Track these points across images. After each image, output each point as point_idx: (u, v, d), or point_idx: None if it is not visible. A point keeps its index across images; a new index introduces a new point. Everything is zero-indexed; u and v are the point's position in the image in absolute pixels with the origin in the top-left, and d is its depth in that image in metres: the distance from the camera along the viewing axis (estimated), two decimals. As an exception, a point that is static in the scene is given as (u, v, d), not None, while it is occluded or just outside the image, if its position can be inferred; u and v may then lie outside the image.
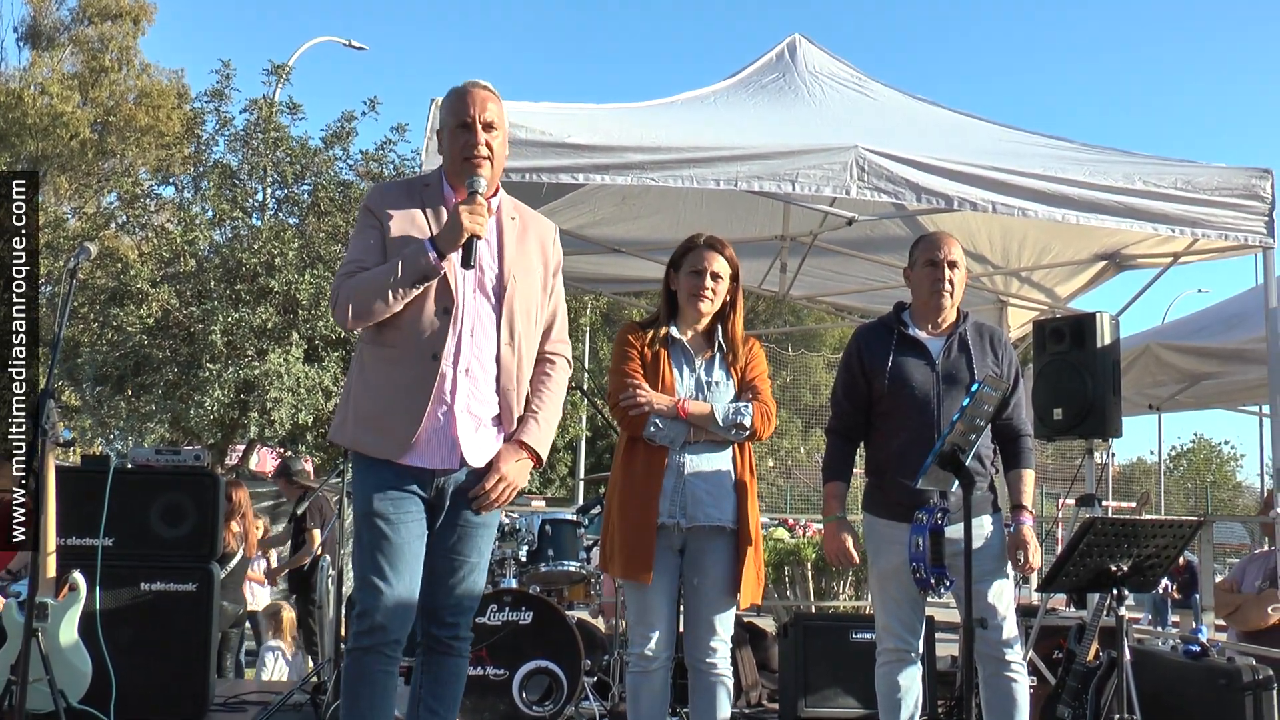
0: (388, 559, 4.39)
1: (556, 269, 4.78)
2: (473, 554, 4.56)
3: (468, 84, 4.59)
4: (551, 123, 6.74)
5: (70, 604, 6.27)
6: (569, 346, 4.84)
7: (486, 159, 4.48)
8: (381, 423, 4.42)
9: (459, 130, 4.52)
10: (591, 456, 36.99)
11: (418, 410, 4.37)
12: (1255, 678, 6.44)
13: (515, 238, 4.61)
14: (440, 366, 4.38)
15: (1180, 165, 7.29)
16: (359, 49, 31.84)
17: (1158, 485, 30.84)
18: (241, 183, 20.35)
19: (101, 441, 20.35)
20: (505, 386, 4.53)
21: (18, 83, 34.39)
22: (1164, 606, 18.87)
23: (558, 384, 4.72)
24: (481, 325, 4.49)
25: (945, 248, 5.51)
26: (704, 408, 5.24)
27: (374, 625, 4.36)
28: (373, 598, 4.37)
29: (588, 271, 11.25)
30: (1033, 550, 5.34)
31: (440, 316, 4.41)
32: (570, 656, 7.10)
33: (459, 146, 4.51)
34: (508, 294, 4.51)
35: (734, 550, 5.27)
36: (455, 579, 4.54)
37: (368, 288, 4.36)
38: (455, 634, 4.58)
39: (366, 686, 4.41)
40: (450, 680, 4.61)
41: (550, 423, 4.66)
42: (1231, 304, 10.77)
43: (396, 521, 4.40)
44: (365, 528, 4.45)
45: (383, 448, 4.41)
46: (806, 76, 8.79)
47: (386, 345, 4.44)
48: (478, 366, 4.47)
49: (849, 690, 7.43)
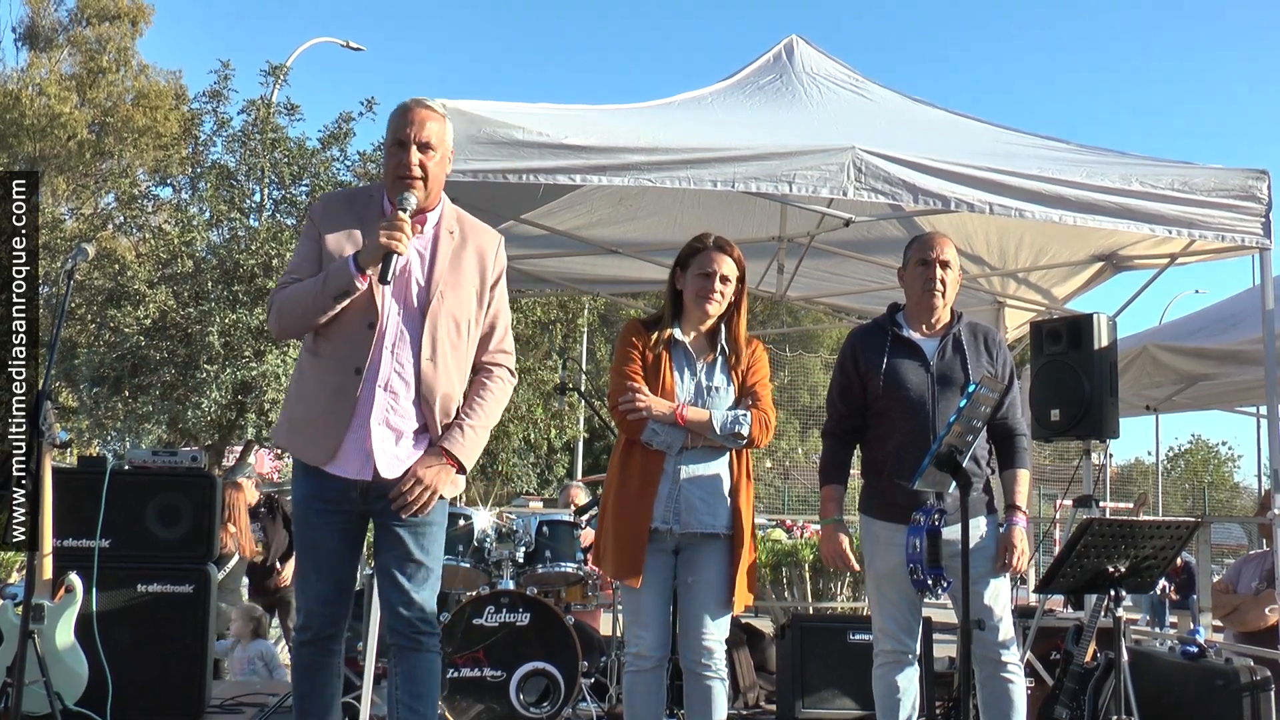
0: (312, 558, 4.70)
1: (497, 279, 4.85)
2: (416, 551, 4.65)
3: (411, 102, 4.73)
4: (549, 124, 6.73)
5: (67, 606, 6.27)
6: (511, 356, 4.92)
7: (419, 179, 4.60)
8: (308, 430, 4.63)
9: (395, 148, 4.65)
10: (589, 457, 37.01)
11: (340, 421, 4.54)
12: (1253, 678, 6.45)
13: (450, 252, 4.71)
14: (362, 380, 4.52)
15: (1177, 166, 7.28)
16: (356, 50, 31.89)
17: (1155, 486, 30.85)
18: (239, 184, 20.37)
19: (98, 443, 20.34)
20: (426, 399, 4.62)
21: (15, 83, 34.39)
22: (1162, 607, 18.85)
23: (493, 393, 4.80)
24: (404, 340, 4.60)
25: (938, 247, 5.51)
26: (702, 415, 5.24)
27: (306, 621, 4.70)
28: (302, 595, 4.72)
29: (585, 272, 11.24)
30: (1018, 554, 5.32)
31: (364, 331, 4.55)
32: (568, 658, 7.10)
33: (393, 164, 4.65)
34: (431, 308, 4.61)
35: (728, 555, 5.27)
36: (404, 578, 4.64)
37: (294, 301, 4.56)
38: (420, 631, 4.66)
39: (306, 677, 4.76)
40: (423, 677, 4.69)
41: (479, 431, 4.73)
42: (1228, 305, 10.77)
43: (320, 524, 4.66)
44: (296, 528, 4.82)
45: (309, 454, 4.61)
46: (804, 78, 8.78)
47: (318, 356, 4.63)
48: (398, 380, 4.59)
49: (846, 691, 7.44)
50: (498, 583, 7.46)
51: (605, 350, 32.88)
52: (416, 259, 4.63)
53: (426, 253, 4.67)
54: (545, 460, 25.17)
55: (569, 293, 18.93)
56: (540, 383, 21.88)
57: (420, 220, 4.65)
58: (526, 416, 21.46)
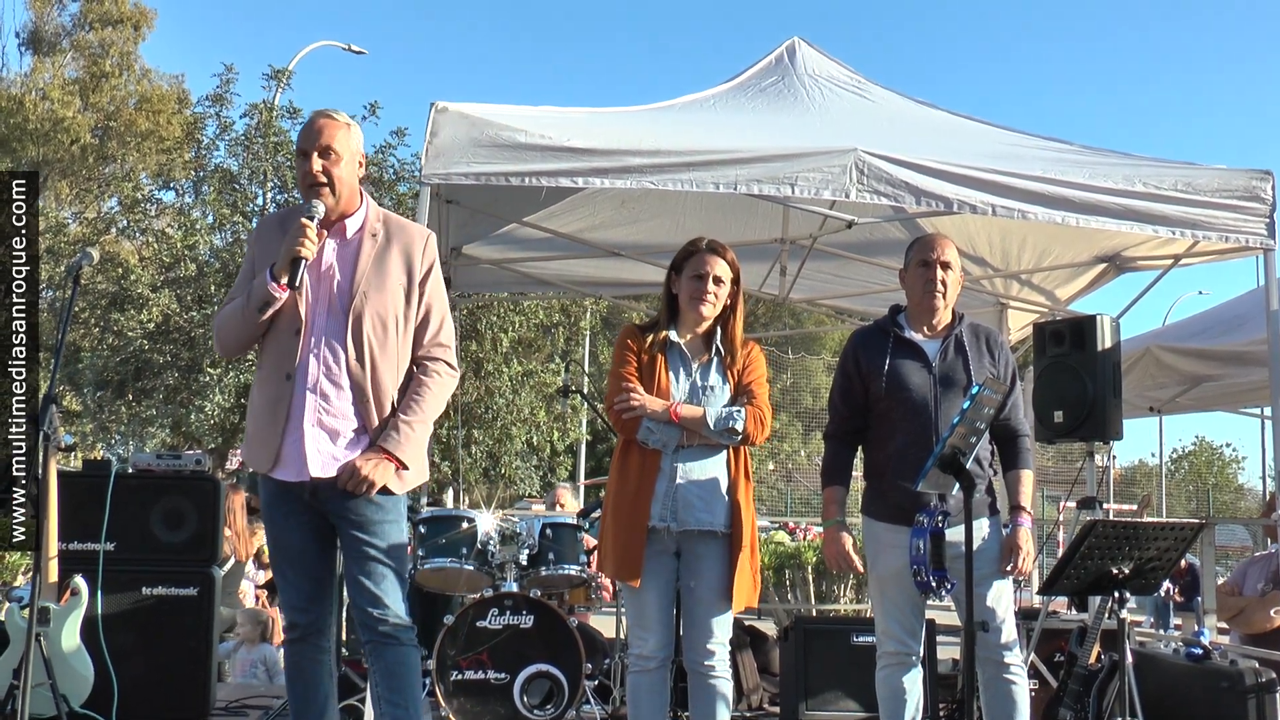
0: (286, 559, 4.86)
1: (427, 274, 4.90)
2: (371, 550, 4.72)
3: (314, 114, 4.89)
4: (551, 127, 6.74)
5: (72, 609, 6.27)
6: (448, 349, 4.96)
7: (324, 184, 4.71)
8: (254, 439, 4.80)
9: (299, 159, 4.82)
10: (592, 460, 37.00)
11: (277, 427, 4.68)
12: (1258, 680, 6.42)
13: (373, 253, 4.80)
14: (293, 384, 4.65)
15: (1180, 167, 7.28)
16: (359, 53, 31.94)
17: (1159, 488, 30.84)
18: (242, 187, 20.41)
19: (103, 446, 20.39)
20: (359, 399, 4.73)
21: (19, 88, 34.45)
22: (1166, 609, 18.80)
23: (429, 388, 4.84)
24: (330, 343, 4.71)
25: (938, 249, 5.50)
26: (696, 412, 5.25)
27: (292, 620, 4.87)
28: (283, 596, 4.91)
29: (587, 275, 11.26)
30: (1024, 555, 5.32)
31: (291, 337, 4.69)
32: (571, 660, 7.09)
33: (299, 174, 4.82)
34: (354, 309, 4.71)
35: (727, 554, 5.28)
36: (364, 572, 4.72)
37: (226, 320, 4.82)
38: (387, 626, 4.72)
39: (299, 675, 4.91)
40: (400, 671, 4.76)
41: (415, 427, 4.79)
42: (1232, 306, 10.76)
43: (285, 524, 4.82)
44: (266, 533, 5.01)
45: (256, 461, 4.79)
46: (806, 79, 8.79)
47: (259, 367, 4.84)
48: (327, 383, 4.70)
49: (850, 693, 7.43)
50: (501, 585, 7.45)
51: (608, 353, 32.76)
52: (338, 263, 4.76)
53: (350, 256, 4.78)
54: (548, 463, 25.19)
55: (571, 295, 18.95)
56: (543, 385, 21.87)
57: (340, 226, 4.78)
58: (529, 419, 21.47)
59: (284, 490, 4.72)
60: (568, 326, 23.87)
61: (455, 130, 6.41)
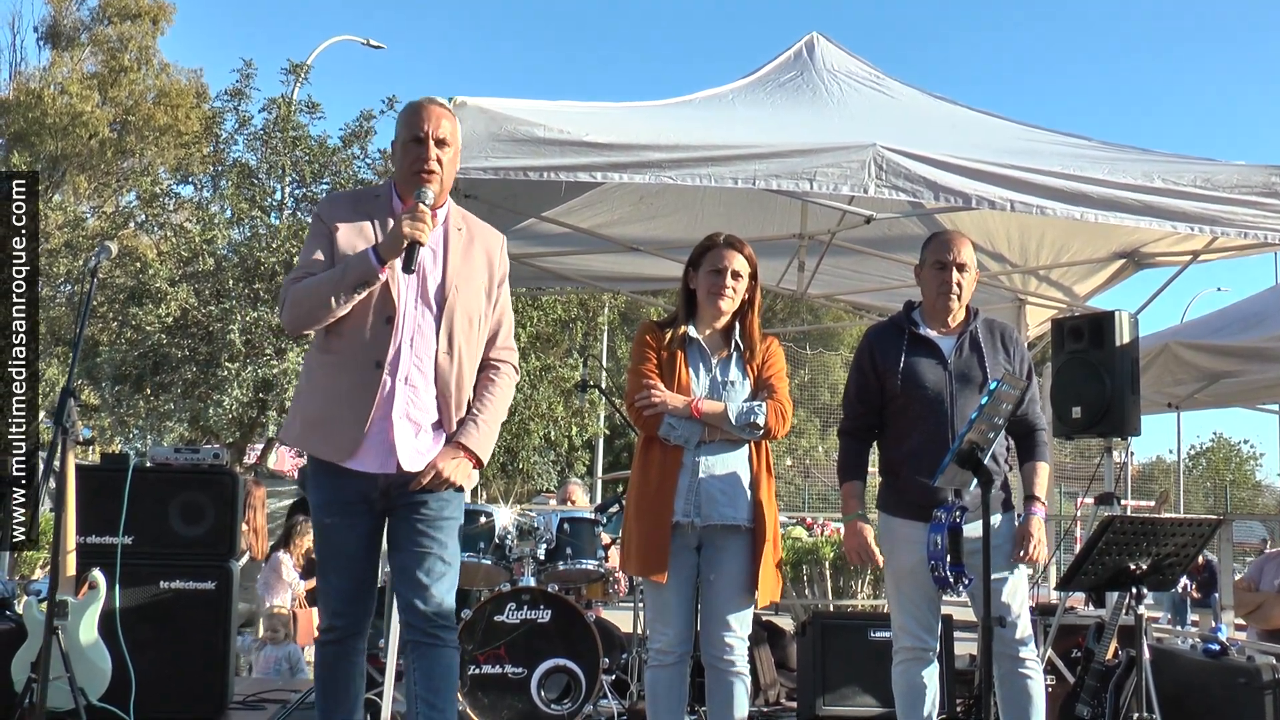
0: (334, 558, 4.72)
1: (502, 279, 4.92)
2: (434, 546, 4.67)
3: (424, 100, 4.76)
4: (569, 121, 6.74)
5: (90, 602, 6.29)
6: (514, 353, 4.98)
7: (436, 174, 4.63)
8: (328, 427, 4.61)
9: (411, 144, 4.67)
10: (609, 455, 36.98)
11: (360, 417, 4.54)
12: (1275, 676, 6.42)
13: (461, 248, 4.76)
14: (382, 374, 4.54)
15: (1199, 163, 7.25)
16: (377, 48, 31.98)
17: (1176, 484, 30.75)
18: (260, 182, 20.44)
19: (120, 440, 20.41)
20: (443, 393, 4.68)
21: (38, 82, 34.58)
22: (1183, 605, 18.85)
23: (501, 389, 4.86)
24: (422, 334, 4.64)
25: (954, 250, 5.50)
26: (717, 407, 5.25)
27: (331, 623, 4.73)
28: (324, 596, 4.76)
29: (606, 270, 11.25)
30: (1035, 543, 5.32)
31: (383, 325, 4.57)
32: (589, 655, 7.10)
33: (410, 160, 4.66)
34: (448, 303, 4.66)
35: (750, 548, 5.29)
36: (422, 571, 4.65)
37: (311, 293, 4.53)
38: (439, 626, 4.67)
39: (331, 676, 4.78)
40: (442, 673, 4.70)
41: (491, 425, 4.80)
42: (1251, 302, 10.74)
43: (339, 526, 4.67)
44: (316, 531, 4.78)
45: (328, 451, 4.61)
46: (825, 75, 8.77)
47: (331, 352, 4.63)
48: (417, 374, 4.63)
49: (867, 689, 7.42)
50: (519, 580, 7.46)
51: (626, 348, 32.77)
52: (429, 254, 4.67)
53: (439, 248, 4.72)
54: (566, 458, 25.21)
55: (589, 290, 18.97)
56: (561, 380, 21.88)
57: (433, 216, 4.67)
58: (547, 414, 21.49)
59: (350, 483, 4.60)
60: (586, 321, 23.88)
61: (474, 125, 6.40)
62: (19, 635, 6.24)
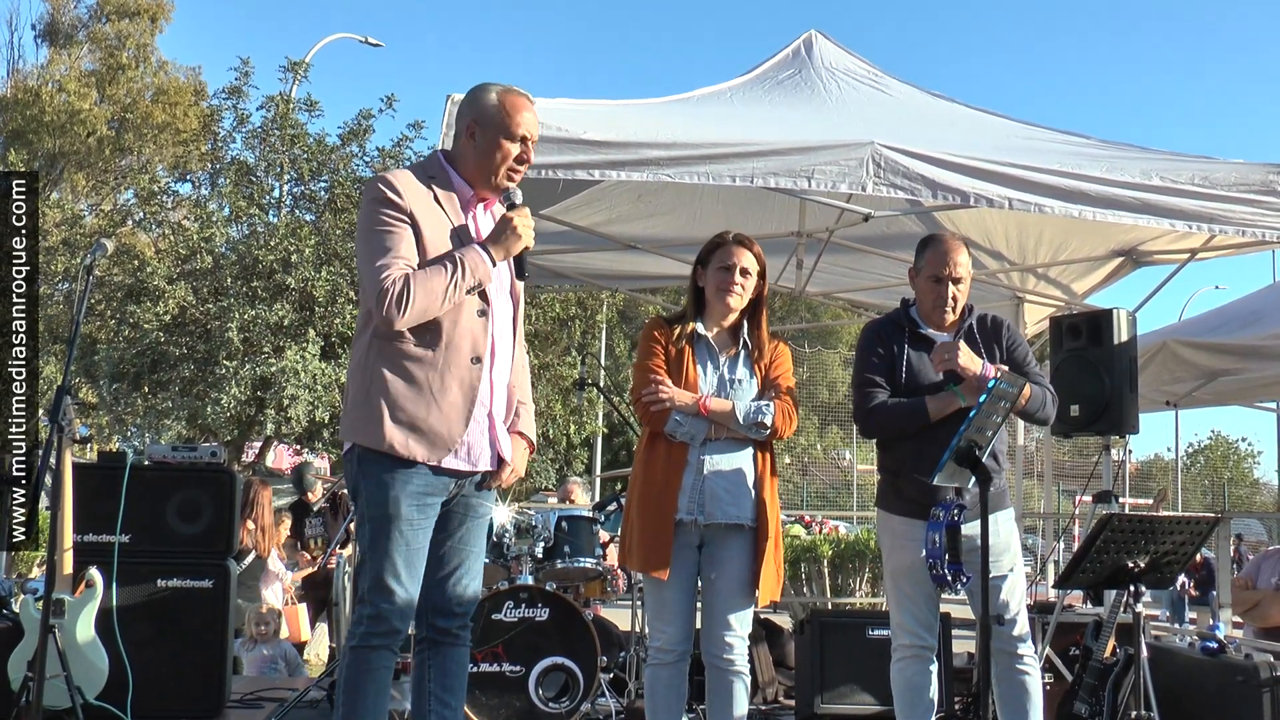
0: (406, 562, 4.42)
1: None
2: (475, 545, 4.68)
3: (522, 98, 4.62)
4: (568, 119, 6.73)
5: (87, 600, 6.30)
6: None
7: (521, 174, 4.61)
8: (426, 425, 4.39)
9: (510, 142, 4.54)
10: (608, 453, 36.96)
11: (465, 414, 4.43)
12: (1273, 674, 6.43)
13: None
14: (482, 369, 4.46)
15: (1198, 161, 7.25)
16: (376, 46, 31.98)
17: (1175, 482, 30.80)
18: (258, 180, 20.43)
19: (118, 438, 20.37)
20: (512, 383, 4.69)
21: (36, 80, 34.64)
22: (1181, 603, 18.86)
23: (528, 377, 4.91)
24: (504, 327, 4.60)
25: (950, 264, 5.46)
26: (725, 405, 5.25)
27: (390, 627, 4.42)
28: (389, 600, 4.40)
29: (604, 268, 11.25)
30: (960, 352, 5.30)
31: (478, 319, 4.47)
32: (587, 653, 7.09)
33: (502, 156, 4.54)
34: (516, 294, 4.67)
35: (752, 547, 5.28)
36: (462, 571, 4.63)
37: (429, 289, 4.30)
38: (462, 625, 4.68)
39: (373, 681, 4.46)
40: (458, 670, 4.69)
41: (533, 409, 4.87)
42: (1249, 300, 10.74)
43: (419, 526, 4.45)
44: (386, 530, 4.41)
45: (423, 451, 4.39)
46: (823, 73, 8.78)
47: (423, 347, 4.40)
48: (503, 367, 4.60)
49: (865, 687, 7.42)
50: (516, 578, 7.46)
51: (624, 346, 32.87)
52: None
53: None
54: (564, 456, 25.17)
55: (588, 288, 18.96)
56: (559, 378, 21.85)
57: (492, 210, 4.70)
58: (545, 412, 21.46)
59: (435, 482, 4.45)
60: (584, 320, 23.82)
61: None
62: (16, 634, 6.25)
